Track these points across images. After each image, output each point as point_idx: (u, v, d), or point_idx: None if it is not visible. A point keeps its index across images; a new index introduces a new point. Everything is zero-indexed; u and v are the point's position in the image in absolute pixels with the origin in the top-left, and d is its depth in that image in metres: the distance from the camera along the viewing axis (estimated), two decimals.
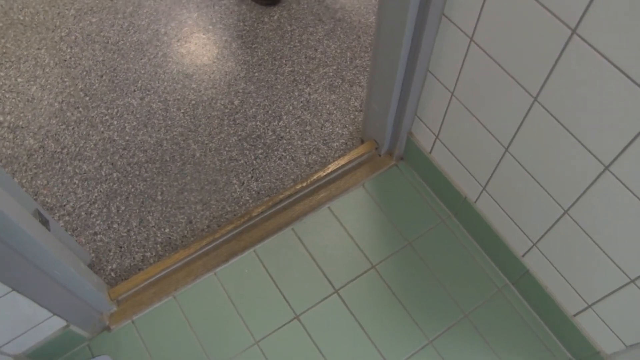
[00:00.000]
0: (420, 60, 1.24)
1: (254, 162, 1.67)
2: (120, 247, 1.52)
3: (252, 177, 1.64)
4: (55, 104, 1.79)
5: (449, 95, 1.27)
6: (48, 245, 1.05)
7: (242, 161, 1.67)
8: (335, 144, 1.70)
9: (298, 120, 1.75)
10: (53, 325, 1.23)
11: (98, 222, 1.57)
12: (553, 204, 1.12)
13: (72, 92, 1.82)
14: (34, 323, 1.18)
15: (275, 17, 2.01)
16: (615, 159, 0.91)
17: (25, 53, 1.91)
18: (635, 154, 0.87)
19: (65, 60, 1.89)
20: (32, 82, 1.84)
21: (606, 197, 0.98)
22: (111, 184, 1.63)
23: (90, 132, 1.73)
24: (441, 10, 1.12)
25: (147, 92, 1.82)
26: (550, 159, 1.06)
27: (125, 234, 1.54)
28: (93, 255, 1.51)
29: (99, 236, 1.54)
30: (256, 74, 1.86)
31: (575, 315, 1.25)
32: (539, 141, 1.06)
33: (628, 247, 0.99)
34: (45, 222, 1.19)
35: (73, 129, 1.74)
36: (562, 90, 0.94)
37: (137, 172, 1.65)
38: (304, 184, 1.57)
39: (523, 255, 1.33)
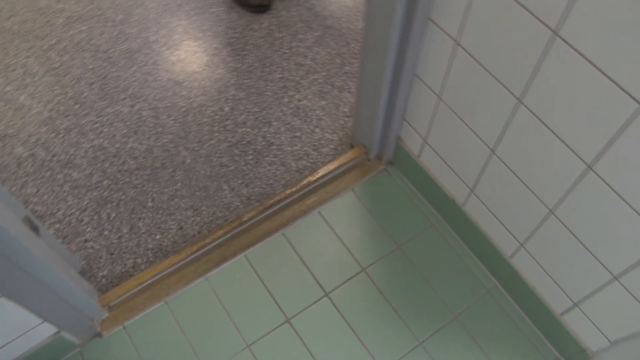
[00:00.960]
0: (407, 64, 1.26)
1: (244, 168, 1.68)
2: (111, 254, 1.52)
3: (242, 182, 1.65)
4: (45, 112, 1.79)
5: (435, 98, 1.29)
6: (38, 251, 1.05)
7: (232, 167, 1.68)
8: (325, 150, 1.71)
9: (288, 126, 1.76)
10: (44, 331, 1.23)
11: (89, 229, 1.57)
12: (539, 204, 1.13)
13: (61, 100, 1.82)
14: (25, 330, 1.18)
15: (265, 24, 2.03)
16: (598, 158, 0.93)
17: (13, 61, 1.91)
18: (616, 153, 0.89)
19: (54, 69, 1.90)
20: (21, 91, 1.84)
21: (589, 196, 1.00)
22: (102, 191, 1.63)
23: (80, 139, 1.73)
24: (426, 14, 1.14)
25: (137, 100, 1.82)
26: (535, 159, 1.08)
27: (116, 241, 1.55)
28: (84, 262, 1.51)
29: (89, 243, 1.54)
30: (246, 81, 1.87)
31: (562, 314, 1.27)
32: (524, 142, 1.08)
33: (611, 245, 1.01)
34: (35, 229, 1.19)
35: (63, 137, 1.74)
36: (545, 92, 0.96)
37: (127, 179, 1.66)
38: (294, 189, 1.59)
39: (511, 257, 1.35)
